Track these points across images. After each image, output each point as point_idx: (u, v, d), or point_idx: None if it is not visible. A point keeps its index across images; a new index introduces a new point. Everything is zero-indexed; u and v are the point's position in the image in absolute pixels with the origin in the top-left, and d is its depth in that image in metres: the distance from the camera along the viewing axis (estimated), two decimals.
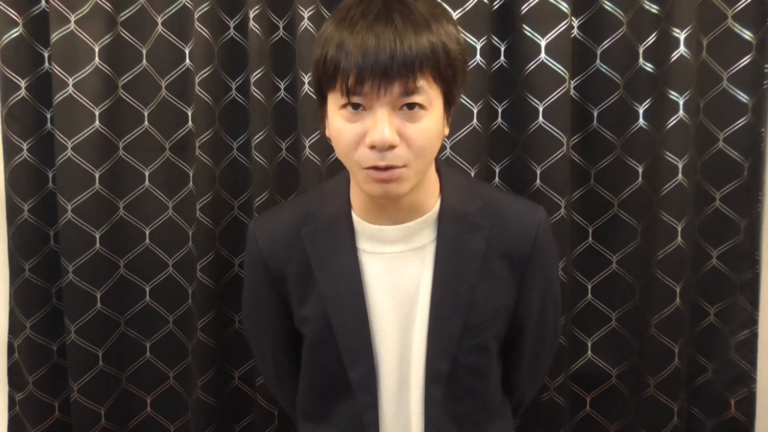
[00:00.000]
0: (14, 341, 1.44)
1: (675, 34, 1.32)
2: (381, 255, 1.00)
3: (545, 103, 1.35)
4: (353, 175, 0.93)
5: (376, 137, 0.85)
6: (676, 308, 1.39)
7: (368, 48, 0.83)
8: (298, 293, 1.03)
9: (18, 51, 1.37)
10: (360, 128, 0.87)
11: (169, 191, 1.45)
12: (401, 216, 0.99)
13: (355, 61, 0.83)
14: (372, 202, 0.98)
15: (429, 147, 0.89)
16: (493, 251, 1.00)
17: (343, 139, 0.89)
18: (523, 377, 1.13)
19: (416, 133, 0.87)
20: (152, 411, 1.52)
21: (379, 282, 1.00)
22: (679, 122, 1.34)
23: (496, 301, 1.01)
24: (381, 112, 0.85)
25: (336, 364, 1.01)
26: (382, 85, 0.83)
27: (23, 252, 1.42)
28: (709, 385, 1.48)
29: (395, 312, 1.00)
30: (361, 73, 0.83)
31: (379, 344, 1.00)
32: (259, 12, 1.37)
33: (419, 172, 0.91)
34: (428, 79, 0.86)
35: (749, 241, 1.43)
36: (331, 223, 1.01)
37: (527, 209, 1.05)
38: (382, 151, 0.86)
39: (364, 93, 0.84)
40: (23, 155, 1.39)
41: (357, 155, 0.88)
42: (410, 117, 0.86)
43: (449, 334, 0.99)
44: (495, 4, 1.38)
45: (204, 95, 1.41)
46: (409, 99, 0.85)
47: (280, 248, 1.03)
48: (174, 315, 1.48)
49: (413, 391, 1.01)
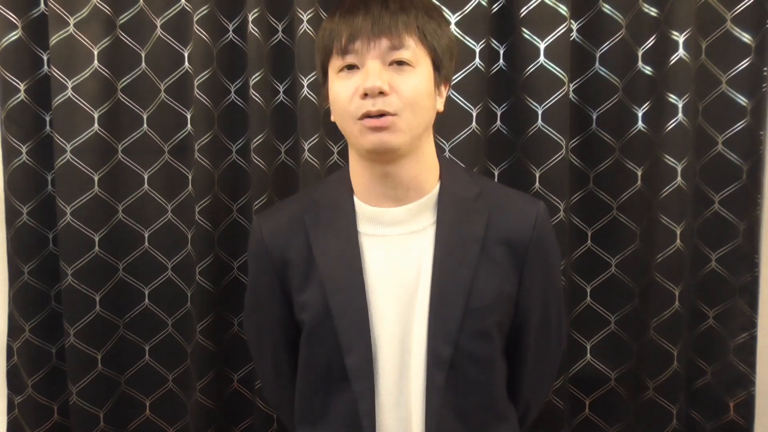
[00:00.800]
0: (13, 344, 1.45)
1: (674, 37, 1.32)
2: (381, 238, 1.01)
3: (544, 106, 1.35)
4: (349, 135, 0.98)
5: (368, 84, 0.92)
6: (675, 311, 1.39)
7: (358, 14, 0.94)
8: (299, 279, 1.04)
9: (17, 54, 1.37)
10: (354, 83, 0.95)
11: (168, 194, 1.45)
12: (401, 194, 1.01)
13: (347, 24, 0.95)
14: (373, 178, 1.01)
15: (418, 101, 0.95)
16: (492, 236, 1.01)
17: (339, 96, 0.96)
18: (528, 382, 1.12)
19: (405, 84, 0.94)
20: (151, 414, 1.52)
21: (380, 266, 1.01)
22: (678, 125, 1.34)
23: (497, 287, 1.01)
24: (371, 63, 0.94)
25: (333, 350, 1.01)
26: (371, 40, 0.93)
27: (22, 255, 1.42)
28: (708, 388, 1.48)
29: (395, 296, 1.00)
30: (353, 33, 0.94)
31: (377, 328, 1.00)
32: (258, 15, 1.38)
33: (411, 126, 0.95)
34: (414, 39, 0.95)
35: (748, 244, 1.43)
36: (333, 207, 1.05)
37: (526, 199, 1.09)
38: (374, 98, 0.93)
39: (356, 50, 0.94)
40: (22, 158, 1.39)
41: (352, 108, 0.95)
42: (399, 71, 0.94)
43: (450, 317, 0.99)
44: (494, 7, 1.38)
45: (203, 98, 1.41)
46: (397, 54, 0.94)
47: (283, 234, 1.06)
48: (173, 318, 1.49)
49: (414, 378, 1.00)
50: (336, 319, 1.00)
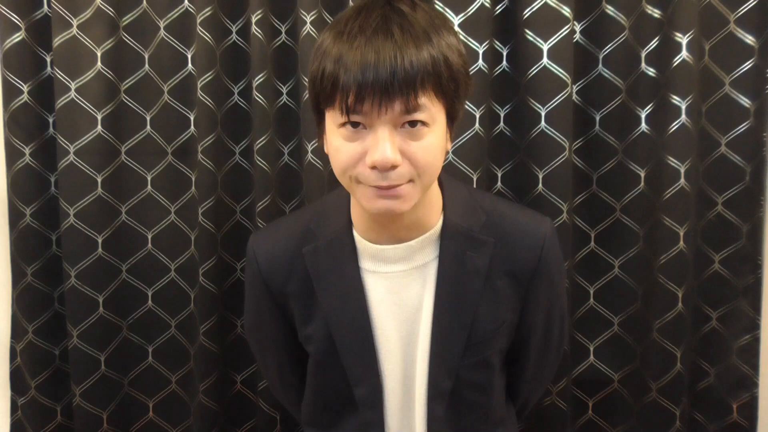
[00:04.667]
0: (16, 346, 1.45)
1: (677, 38, 1.31)
2: (383, 274, 0.99)
3: (547, 108, 1.35)
4: (352, 192, 0.91)
5: (378, 157, 0.82)
6: (678, 313, 1.39)
7: (368, 64, 0.79)
8: (302, 312, 1.02)
9: (20, 55, 1.37)
10: (360, 147, 0.84)
11: (171, 196, 1.45)
12: (402, 234, 0.97)
13: (355, 78, 0.80)
14: (373, 219, 0.96)
15: (432, 164, 0.87)
16: (496, 268, 0.98)
17: (342, 158, 0.86)
18: (527, 385, 1.13)
19: (419, 151, 0.84)
20: (154, 415, 1.52)
21: (382, 301, 0.99)
22: (681, 127, 1.34)
23: (499, 318, 1.00)
24: (382, 131, 0.82)
25: (341, 382, 1.01)
26: (383, 104, 0.80)
27: (25, 256, 1.42)
28: (712, 390, 1.48)
29: (398, 330, 0.99)
30: (361, 91, 0.80)
31: (384, 362, 1.00)
32: (262, 16, 1.38)
33: (423, 189, 0.89)
34: (430, 95, 0.83)
35: (751, 245, 1.43)
36: (333, 241, 0.99)
37: (533, 223, 1.02)
38: (384, 171, 0.83)
39: (364, 111, 0.81)
40: (25, 160, 1.40)
41: (356, 173, 0.86)
42: (412, 135, 0.84)
43: (451, 352, 0.98)
44: (497, 8, 1.38)
45: (206, 100, 1.41)
46: (410, 117, 0.83)
47: (280, 268, 1.02)
48: (176, 319, 1.49)
49: (417, 408, 1.01)
50: (342, 355, 0.99)
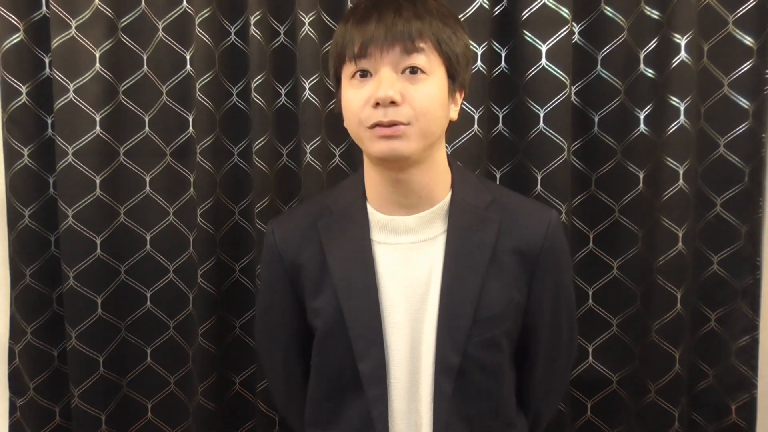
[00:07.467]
0: (15, 347, 1.44)
1: (676, 39, 1.32)
2: (393, 245, 1.02)
3: (546, 109, 1.35)
4: (360, 142, 0.98)
5: (380, 93, 0.92)
6: (676, 314, 1.39)
7: (371, 21, 0.93)
8: (312, 285, 1.05)
9: (19, 57, 1.36)
10: (366, 92, 0.94)
11: (169, 197, 1.45)
12: (413, 201, 1.01)
13: (360, 31, 0.94)
14: (385, 185, 1.01)
15: (431, 110, 0.94)
16: (503, 244, 1.02)
17: (351, 104, 0.96)
18: (538, 391, 1.11)
19: (418, 93, 0.93)
20: (153, 417, 1.51)
21: (392, 273, 1.01)
22: (679, 128, 1.34)
23: (507, 296, 1.02)
24: (384, 72, 0.93)
25: (346, 356, 1.01)
26: (385, 47, 0.92)
27: (24, 257, 1.42)
28: (710, 391, 1.48)
29: (406, 303, 1.01)
30: (366, 40, 0.93)
31: (390, 336, 1.01)
32: (260, 18, 1.38)
33: (423, 135, 0.95)
34: (428, 45, 0.94)
35: (750, 246, 1.43)
36: (346, 214, 1.05)
37: (539, 207, 1.09)
38: (386, 107, 0.92)
39: (369, 55, 0.93)
40: (24, 161, 1.39)
41: (363, 116, 0.94)
42: (412, 80, 0.93)
43: (459, 326, 0.99)
44: (496, 9, 1.38)
45: (205, 101, 1.41)
46: (410, 60, 0.93)
47: (295, 239, 1.07)
48: (175, 321, 1.48)
49: (423, 385, 1.00)
50: (349, 325, 1.00)
